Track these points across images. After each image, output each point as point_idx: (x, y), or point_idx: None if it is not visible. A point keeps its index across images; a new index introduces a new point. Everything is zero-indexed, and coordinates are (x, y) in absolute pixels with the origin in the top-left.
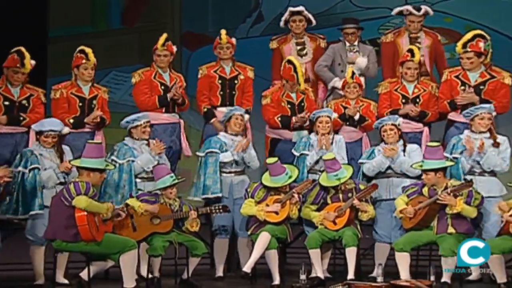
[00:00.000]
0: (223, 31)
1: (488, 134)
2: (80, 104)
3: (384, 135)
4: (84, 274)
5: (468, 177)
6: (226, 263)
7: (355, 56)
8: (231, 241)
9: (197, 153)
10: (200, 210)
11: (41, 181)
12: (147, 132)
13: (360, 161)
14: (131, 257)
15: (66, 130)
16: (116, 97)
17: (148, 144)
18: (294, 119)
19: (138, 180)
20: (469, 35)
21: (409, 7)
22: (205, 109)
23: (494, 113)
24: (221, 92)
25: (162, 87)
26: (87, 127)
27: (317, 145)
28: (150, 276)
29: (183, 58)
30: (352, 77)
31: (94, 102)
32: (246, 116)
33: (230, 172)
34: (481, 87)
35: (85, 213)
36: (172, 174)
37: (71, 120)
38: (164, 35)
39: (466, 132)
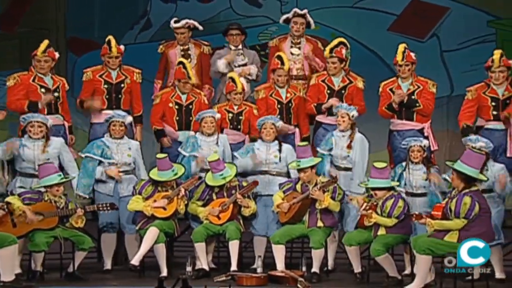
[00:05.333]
0: (112, 42)
1: (349, 132)
2: None
3: (264, 132)
4: None
5: (333, 174)
6: (114, 257)
7: (247, 68)
8: (118, 236)
9: (80, 153)
10: (87, 207)
11: None
12: (34, 132)
13: (235, 153)
14: (9, 252)
15: None
16: None
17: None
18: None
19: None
20: (335, 42)
21: (294, 9)
22: (79, 100)
23: (353, 113)
24: (107, 96)
25: (43, 90)
26: None
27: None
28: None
29: (69, 63)
30: (241, 86)
31: None
32: (129, 119)
33: (119, 172)
34: (343, 91)
35: None
36: (60, 173)
37: None
38: (46, 42)
39: (335, 132)
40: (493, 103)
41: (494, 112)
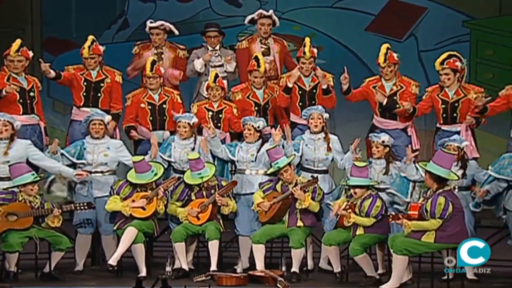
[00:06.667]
0: (87, 43)
1: (323, 135)
2: None
3: (245, 133)
4: None
5: (315, 175)
6: (92, 257)
7: (230, 59)
8: (96, 235)
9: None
10: (64, 207)
11: None
12: None
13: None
14: None
15: None
16: None
17: None
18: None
19: None
20: (307, 42)
21: (260, 10)
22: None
23: (326, 115)
24: (85, 94)
25: (18, 90)
26: None
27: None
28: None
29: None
30: (214, 80)
31: None
32: (107, 118)
33: (96, 172)
34: (314, 90)
35: None
36: (33, 172)
37: None
38: (18, 41)
39: (306, 136)
40: (443, 106)
41: (444, 115)
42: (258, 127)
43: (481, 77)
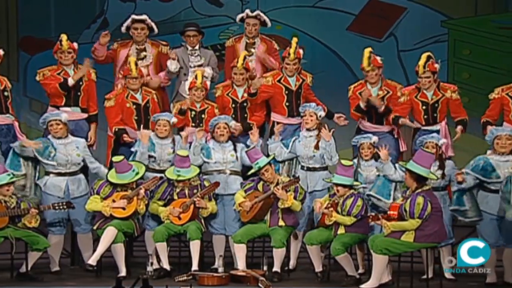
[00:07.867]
0: (63, 37)
1: (316, 132)
2: None
3: (217, 132)
4: None
5: (297, 174)
6: (71, 257)
7: (201, 71)
8: (74, 235)
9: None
10: (41, 206)
11: None
12: None
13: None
14: None
15: None
16: None
17: None
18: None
19: None
20: (295, 43)
21: (247, 10)
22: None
23: (320, 113)
24: (66, 93)
25: None
26: None
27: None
28: None
29: (21, 62)
30: (200, 81)
31: None
32: (64, 116)
33: (65, 174)
34: (299, 90)
35: None
36: (9, 172)
37: None
38: None
39: (301, 133)
40: (424, 107)
41: (425, 116)
42: (231, 126)
43: (459, 76)
